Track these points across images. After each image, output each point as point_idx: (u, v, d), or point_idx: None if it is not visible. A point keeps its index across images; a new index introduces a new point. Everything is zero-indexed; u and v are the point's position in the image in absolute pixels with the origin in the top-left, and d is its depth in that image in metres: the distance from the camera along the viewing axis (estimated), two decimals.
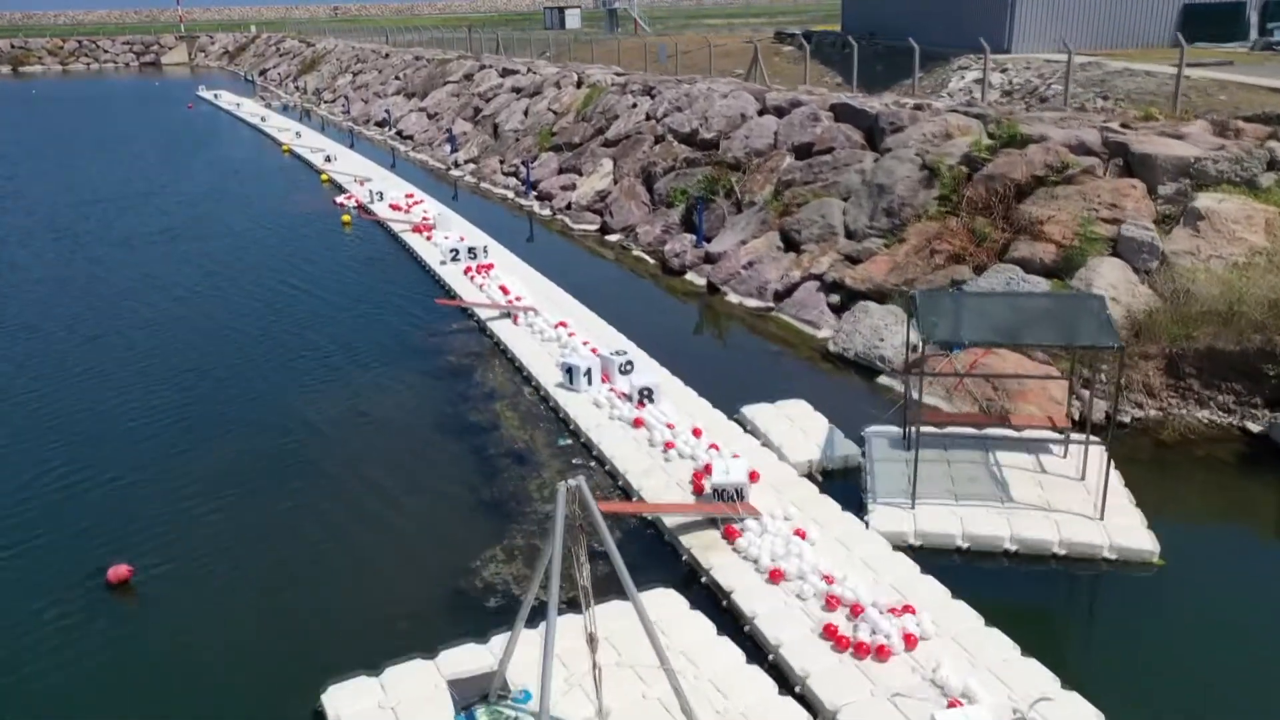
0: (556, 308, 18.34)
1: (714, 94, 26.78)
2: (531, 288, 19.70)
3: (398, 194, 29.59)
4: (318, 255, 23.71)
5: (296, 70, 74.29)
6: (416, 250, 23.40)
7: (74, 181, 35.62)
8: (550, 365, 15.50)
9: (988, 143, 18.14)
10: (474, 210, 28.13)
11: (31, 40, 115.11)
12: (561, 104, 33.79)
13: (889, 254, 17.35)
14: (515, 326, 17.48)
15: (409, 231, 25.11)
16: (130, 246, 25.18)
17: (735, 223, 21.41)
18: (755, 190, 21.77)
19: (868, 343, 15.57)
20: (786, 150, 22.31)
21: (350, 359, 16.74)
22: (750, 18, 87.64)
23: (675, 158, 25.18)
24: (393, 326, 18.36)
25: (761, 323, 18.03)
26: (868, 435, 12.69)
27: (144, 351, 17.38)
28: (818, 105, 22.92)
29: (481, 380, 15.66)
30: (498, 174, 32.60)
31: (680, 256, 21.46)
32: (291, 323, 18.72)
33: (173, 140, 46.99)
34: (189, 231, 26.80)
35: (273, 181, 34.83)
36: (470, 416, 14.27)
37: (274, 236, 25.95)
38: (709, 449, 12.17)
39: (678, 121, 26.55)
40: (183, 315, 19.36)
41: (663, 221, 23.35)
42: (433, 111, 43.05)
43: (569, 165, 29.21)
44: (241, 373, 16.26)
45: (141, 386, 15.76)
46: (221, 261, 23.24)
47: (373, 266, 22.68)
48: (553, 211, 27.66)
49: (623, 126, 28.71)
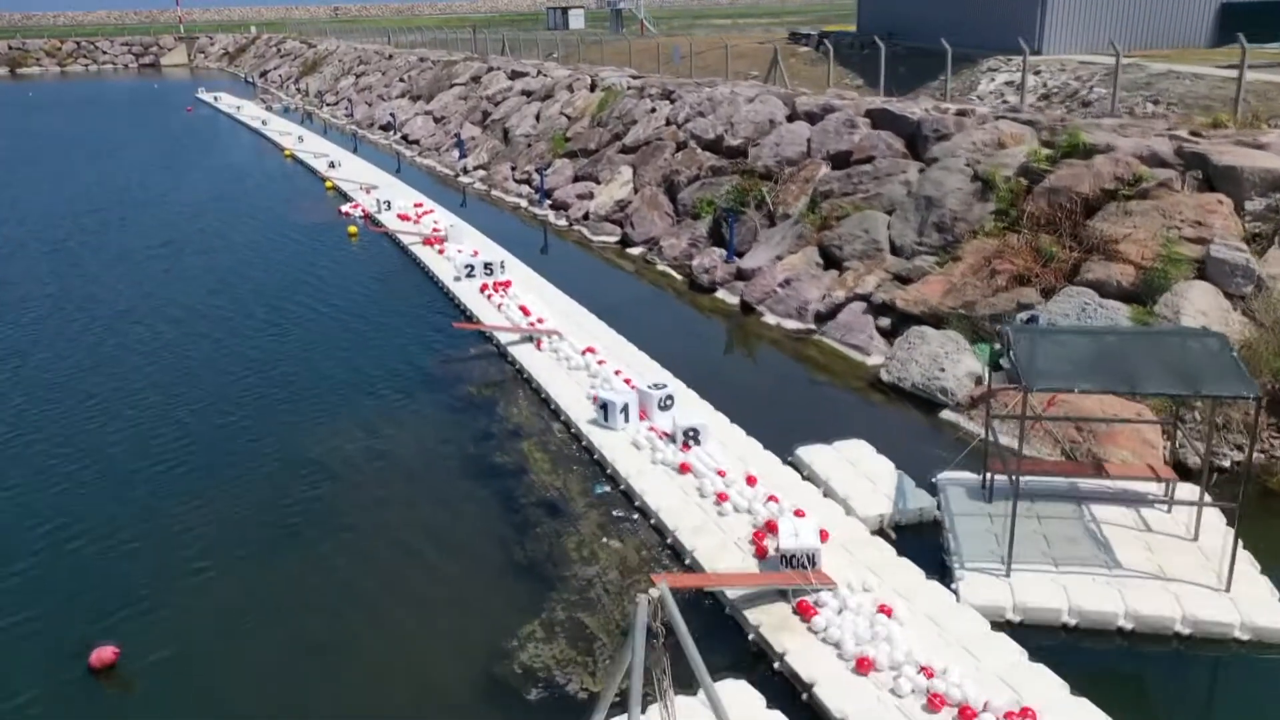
0: (582, 331, 17.06)
1: (738, 98, 25.49)
2: (553, 308, 18.42)
3: (405, 203, 28.30)
4: (324, 270, 22.41)
5: (298, 72, 73.01)
6: (428, 265, 22.11)
7: (70, 190, 34.30)
8: (580, 397, 14.21)
9: (1046, 152, 16.84)
10: (486, 220, 26.85)
11: (29, 41, 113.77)
12: (575, 108, 32.50)
13: (943, 274, 16.06)
14: (539, 352, 16.20)
15: (419, 244, 23.83)
16: (128, 262, 23.83)
17: (769, 237, 20.12)
18: (789, 202, 20.48)
19: (926, 373, 14.27)
20: (821, 159, 21.02)
21: (363, 389, 15.46)
22: (753, 18, 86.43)
23: (700, 166, 23.89)
24: (407, 351, 17.07)
25: (803, 347, 16.74)
26: (941, 484, 11.41)
27: (140, 383, 16.07)
28: (853, 111, 21.63)
29: (505, 414, 14.36)
30: (509, 181, 31.30)
31: (710, 272, 20.17)
32: (299, 348, 17.43)
33: (172, 145, 45.70)
34: (190, 244, 25.48)
35: (275, 189, 33.55)
36: (496, 457, 12.97)
37: (278, 250, 24.65)
38: (767, 501, 10.88)
39: (701, 127, 25.26)
40: (183, 341, 18.05)
41: (689, 234, 22.06)
42: (439, 115, 41.76)
43: (585, 173, 27.92)
44: (246, 406, 14.97)
45: (136, 424, 14.46)
46: (224, 279, 21.92)
47: (382, 283, 21.39)
48: (569, 222, 26.37)
49: (641, 132, 27.42)
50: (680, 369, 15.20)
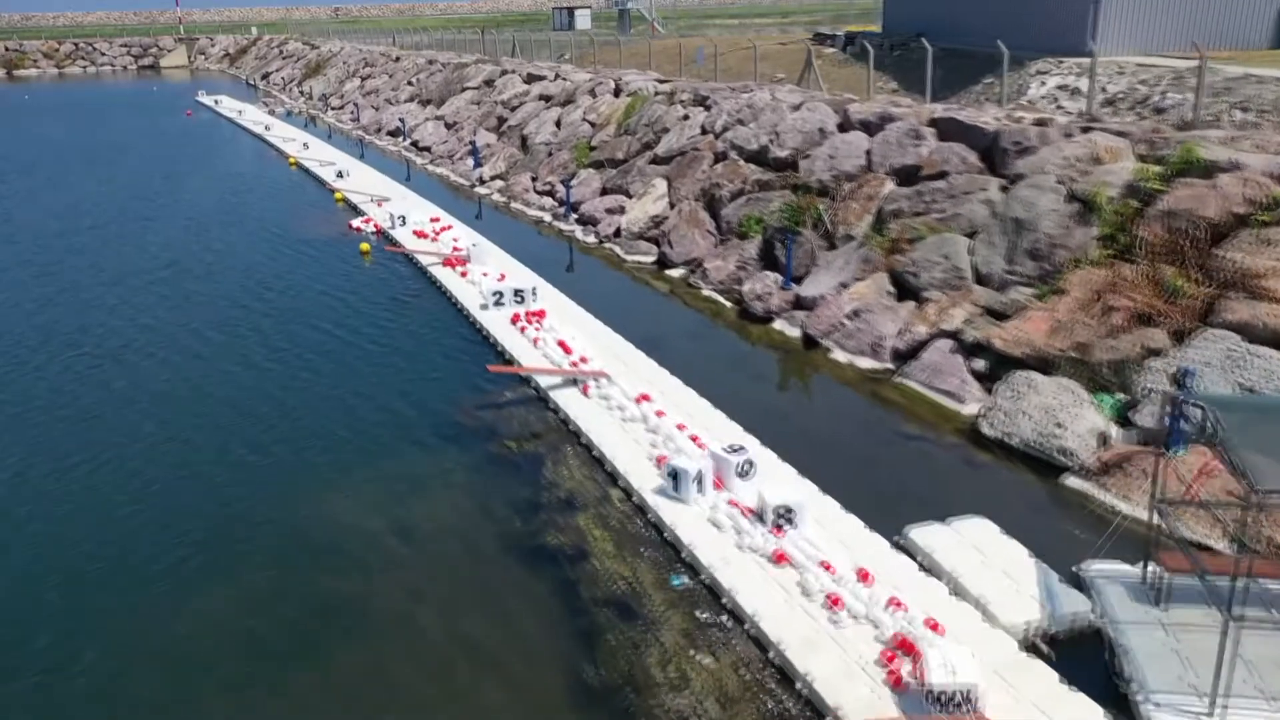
0: (631, 372, 15.13)
1: (782, 105, 23.57)
2: (595, 343, 16.50)
3: (421, 217, 26.38)
4: (336, 298, 20.46)
5: (300, 74, 71.09)
6: (450, 290, 20.18)
7: (65, 203, 32.32)
8: (640, 457, 12.29)
9: (1156, 170, 14.91)
10: (507, 236, 24.92)
11: (27, 43, 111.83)
12: (599, 114, 30.57)
13: (1045, 309, 14.12)
14: (585, 399, 14.27)
15: (439, 264, 21.91)
16: (127, 287, 21.75)
17: (829, 261, 18.19)
18: (850, 221, 18.55)
19: (1040, 429, 12.34)
20: (884, 174, 19.09)
21: (384, 445, 13.54)
22: (759, 18, 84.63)
23: (744, 180, 21.96)
24: (433, 397, 15.15)
25: (881, 390, 14.81)
26: (1091, 579, 9.49)
27: (133, 442, 14.14)
28: (916, 120, 19.70)
29: (553, 477, 12.44)
30: (530, 193, 29.37)
31: (764, 300, 18.24)
32: (310, 395, 15.49)
33: (172, 152, 43.76)
34: (194, 267, 23.40)
35: (281, 201, 31.59)
36: (548, 535, 11.06)
37: (286, 273, 22.68)
38: (891, 608, 8.95)
39: (742, 137, 23.33)
40: (182, 390, 16.11)
41: (736, 255, 20.13)
42: (451, 121, 39.83)
43: (614, 185, 25.99)
44: (251, 470, 13.05)
45: (129, 494, 12.54)
46: (228, 312, 19.82)
47: (400, 312, 19.44)
48: (599, 238, 24.44)
49: (675, 141, 25.49)
50: (748, 419, 13.30)
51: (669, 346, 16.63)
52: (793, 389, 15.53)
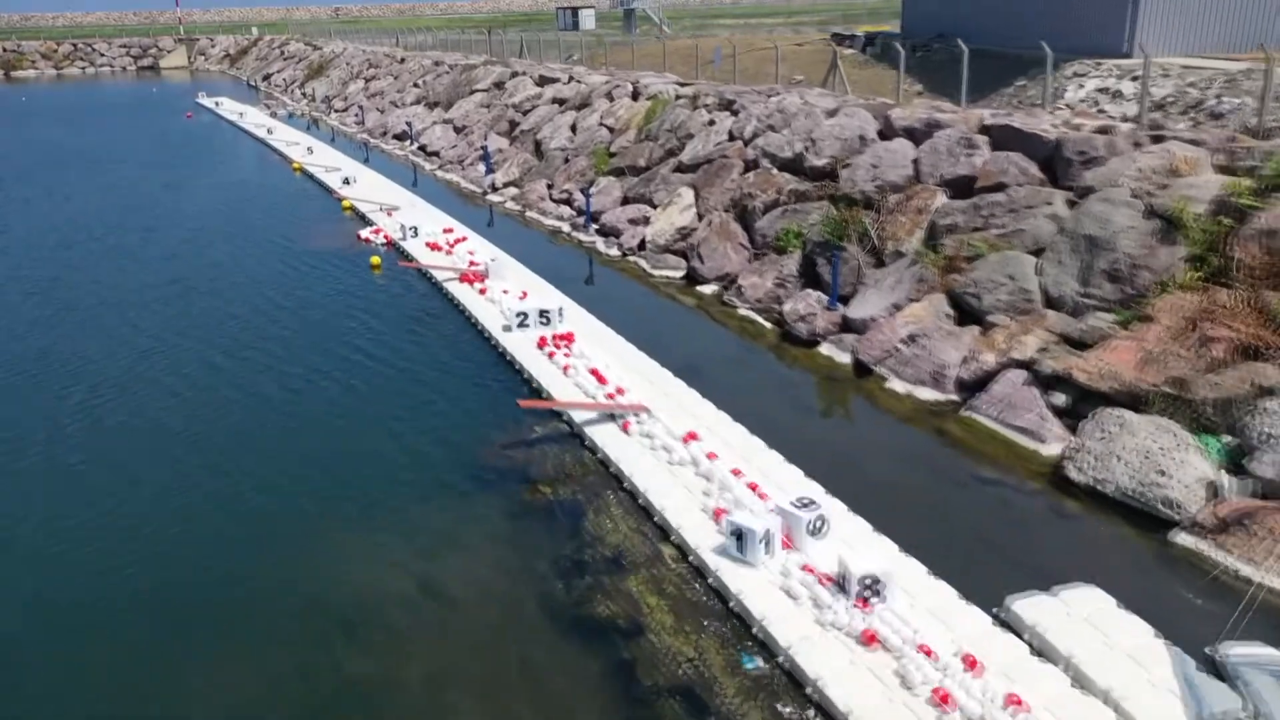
0: (673, 404, 13.87)
1: (816, 110, 22.30)
2: (631, 370, 15.24)
3: (433, 227, 25.14)
4: (348, 318, 19.18)
5: (302, 76, 69.82)
6: (469, 308, 18.91)
7: (62, 214, 31.01)
8: (693, 508, 11.05)
9: (1247, 184, 13.64)
10: (523, 246, 23.66)
11: (25, 43, 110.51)
12: (617, 119, 29.30)
13: (1132, 337, 12.85)
14: (626, 436, 13.01)
15: (455, 280, 20.65)
16: (128, 306, 20.34)
17: (879, 279, 16.93)
18: (899, 236, 17.29)
19: (1137, 475, 11.08)
20: (935, 185, 17.83)
21: (408, 487, 12.29)
22: (762, 18, 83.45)
23: (779, 190, 20.69)
24: (457, 431, 13.89)
25: (947, 425, 13.53)
26: (1236, 668, 8.23)
27: (132, 489, 12.90)
28: (966, 127, 18.44)
29: (597, 529, 11.19)
30: (546, 201, 28.11)
31: (808, 321, 16.98)
32: (327, 429, 14.22)
33: (172, 157, 42.43)
34: (201, 283, 21.91)
35: (286, 210, 30.25)
36: (596, 603, 9.80)
37: (295, 289, 21.34)
38: (1010, 708, 7.68)
39: (774, 144, 22.06)
40: (187, 423, 14.86)
41: (774, 272, 18.87)
42: (460, 124, 38.57)
43: (637, 194, 24.73)
44: (264, 517, 11.81)
45: (125, 551, 11.30)
46: (236, 334, 18.43)
47: (417, 333, 18.17)
48: (622, 251, 23.17)
49: (701, 148, 24.23)
50: (807, 460, 12.05)
51: (709, 374, 15.38)
52: (850, 424, 14.24)
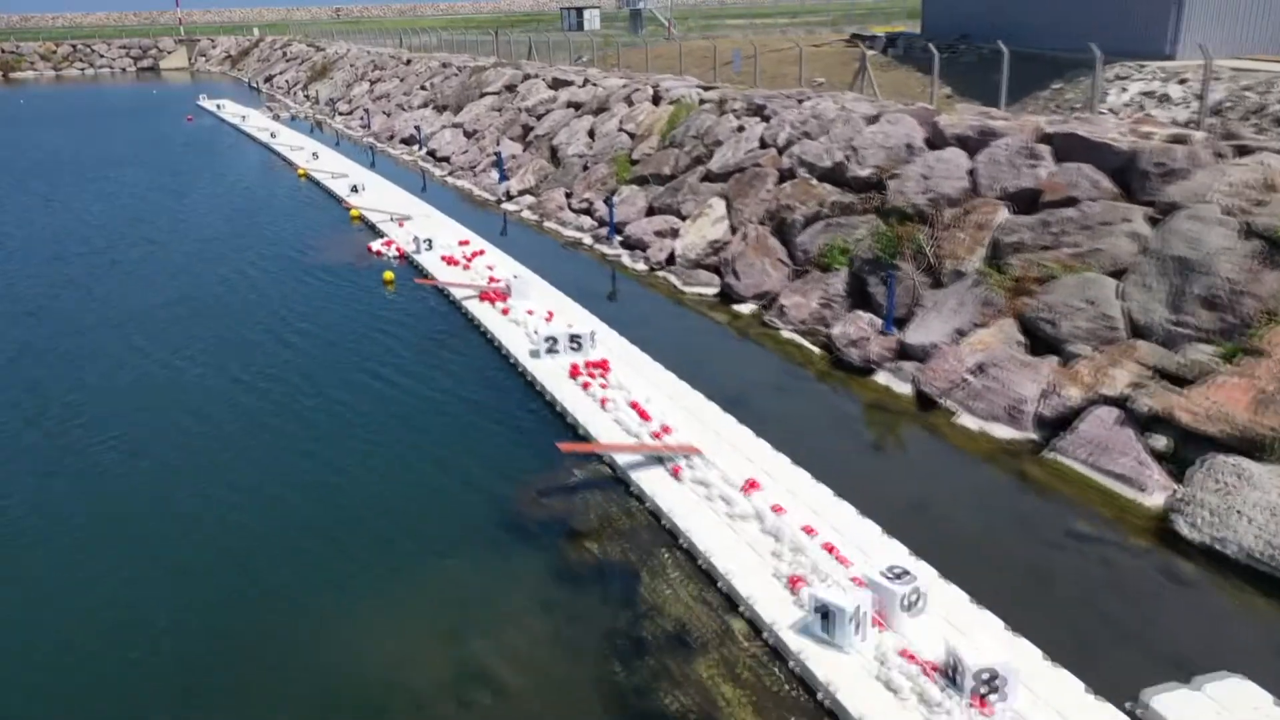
0: (726, 445, 12.60)
1: (854, 116, 21.03)
2: (674, 403, 13.98)
3: (448, 239, 23.90)
4: (363, 341, 17.90)
5: (305, 77, 68.56)
6: (491, 331, 17.65)
7: (59, 224, 29.67)
8: (762, 573, 9.79)
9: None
10: (543, 260, 22.41)
11: (24, 44, 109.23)
12: (638, 124, 28.04)
13: (1241, 373, 11.58)
14: (677, 483, 11.75)
15: (474, 298, 19.39)
16: (133, 329, 18.92)
17: (938, 301, 15.66)
18: (959, 255, 16.02)
19: (1268, 537, 9.81)
20: (995, 198, 16.56)
21: (435, 541, 11.04)
22: (768, 18, 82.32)
23: (819, 201, 19.42)
24: (487, 474, 12.62)
25: (1030, 468, 12.26)
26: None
27: (128, 547, 11.66)
28: (1026, 136, 17.18)
29: (653, 596, 9.92)
30: (565, 210, 26.84)
31: (860, 346, 15.72)
32: (344, 472, 12.94)
33: (174, 163, 41.14)
34: (206, 303, 20.48)
35: (293, 220, 28.93)
36: (662, 692, 8.53)
37: (305, 310, 19.94)
38: None
39: (811, 152, 20.79)
40: (190, 465, 13.63)
41: (819, 291, 17.60)
42: (471, 129, 37.30)
43: (663, 204, 23.46)
44: (275, 577, 10.55)
45: (118, 616, 10.04)
46: (243, 363, 17.05)
47: (437, 359, 16.90)
48: (649, 265, 21.89)
49: (731, 156, 22.96)
50: (883, 513, 10.79)
51: (759, 406, 14.12)
52: (923, 467, 12.93)
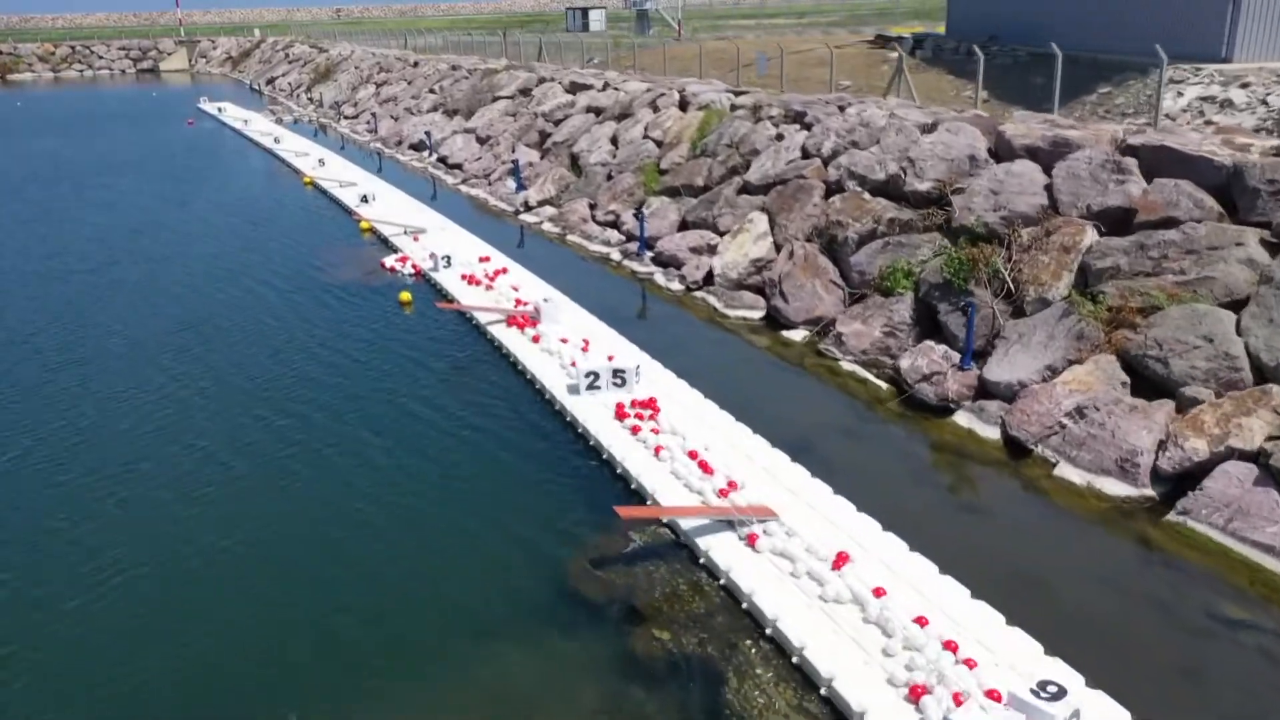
0: (804, 506, 11.08)
1: (907, 124, 19.52)
2: (737, 451, 12.46)
3: (467, 255, 22.41)
4: (380, 373, 16.38)
5: (308, 79, 67.03)
6: (522, 361, 16.12)
7: (54, 239, 28.13)
8: (876, 678, 8.28)
9: None
10: (569, 277, 20.90)
11: (22, 45, 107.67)
12: (665, 131, 26.52)
13: None
14: (754, 553, 10.24)
15: (500, 322, 17.88)
16: (138, 360, 17.38)
17: (1023, 333, 14.14)
18: (1044, 280, 14.50)
19: None
20: (1079, 217, 15.05)
21: (474, 623, 9.54)
22: (772, 18, 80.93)
23: (875, 218, 17.90)
24: (530, 537, 11.10)
25: (1153, 533, 10.74)
26: None
27: (123, 620, 10.17)
28: (1105, 147, 15.67)
29: (742, 704, 8.38)
30: (589, 223, 25.32)
31: (934, 383, 14.21)
32: (367, 532, 11.42)
33: (175, 170, 39.57)
34: (217, 327, 18.92)
35: (302, 234, 27.26)
36: None
37: (319, 335, 18.36)
38: None
39: (862, 164, 19.27)
40: (195, 519, 12.12)
41: (881, 318, 16.08)
42: (484, 134, 35.77)
43: (697, 218, 21.94)
44: (288, 668, 9.04)
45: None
46: (255, 400, 15.65)
47: (464, 394, 15.35)
48: (686, 285, 20.36)
49: (771, 167, 21.44)
50: (998, 593, 9.28)
51: (829, 454, 12.62)
52: (1029, 531, 11.35)
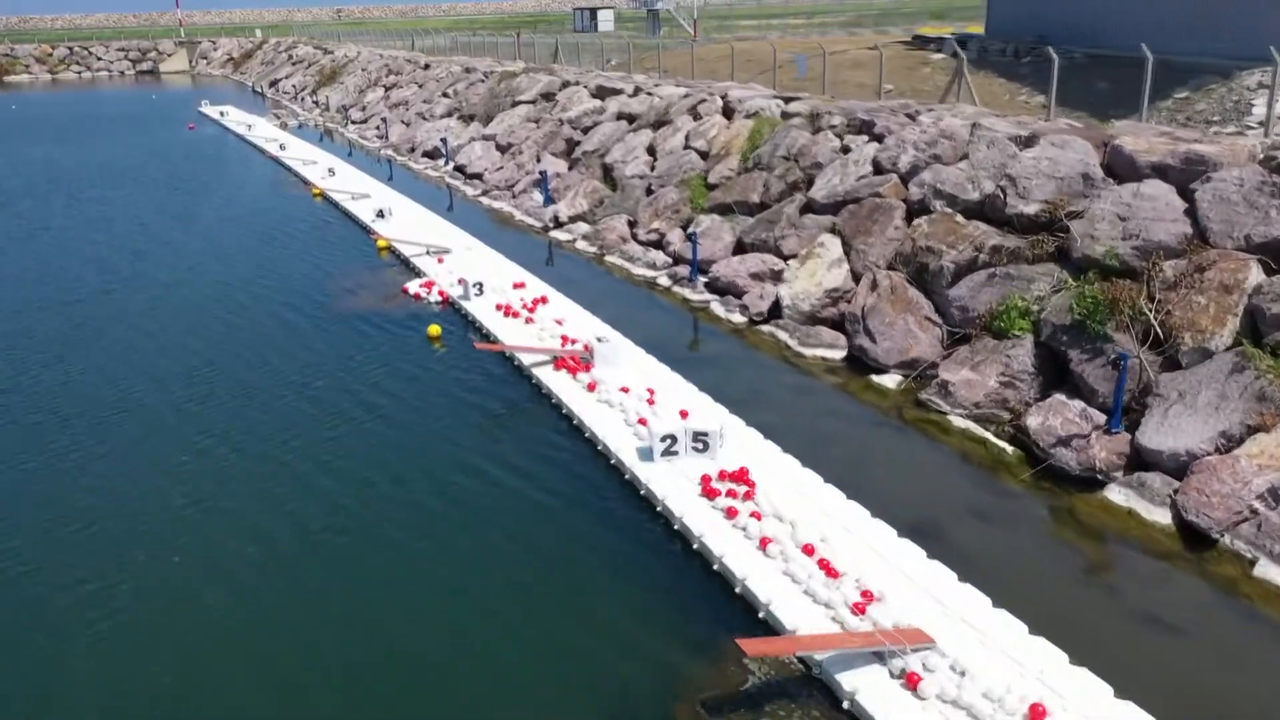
0: (969, 630, 8.88)
1: (998, 137, 17.33)
2: (863, 544, 10.25)
3: (499, 279, 20.24)
4: (414, 420, 14.18)
5: (314, 82, 64.80)
6: (577, 414, 13.88)
7: (52, 258, 25.90)
8: None
9: None
10: (614, 306, 18.77)
11: (19, 46, 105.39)
12: (709, 141, 24.32)
13: None
14: (919, 700, 8.02)
15: (546, 363, 15.69)
16: (144, 409, 15.27)
17: (1185, 390, 11.93)
18: (1203, 326, 12.30)
19: None
20: (1236, 250, 12.85)
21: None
22: (781, 18, 78.90)
23: (975, 245, 15.69)
24: (620, 665, 8.91)
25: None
26: None
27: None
28: (1246, 164, 13.48)
29: None
30: (630, 243, 23.10)
31: (1075, 448, 12.00)
32: (415, 636, 9.23)
33: (176, 180, 37.23)
34: (232, 375, 16.49)
35: (314, 253, 24.83)
36: None
37: (341, 379, 16.18)
38: None
39: (950, 181, 17.08)
40: (205, 604, 9.93)
41: (996, 365, 13.86)
42: (505, 142, 33.55)
43: (756, 239, 19.72)
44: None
45: None
46: (298, 457, 13.56)
47: (509, 451, 13.13)
48: (749, 317, 18.15)
49: (839, 183, 19.25)
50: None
51: (968, 544, 10.43)
52: (1244, 661, 9.10)
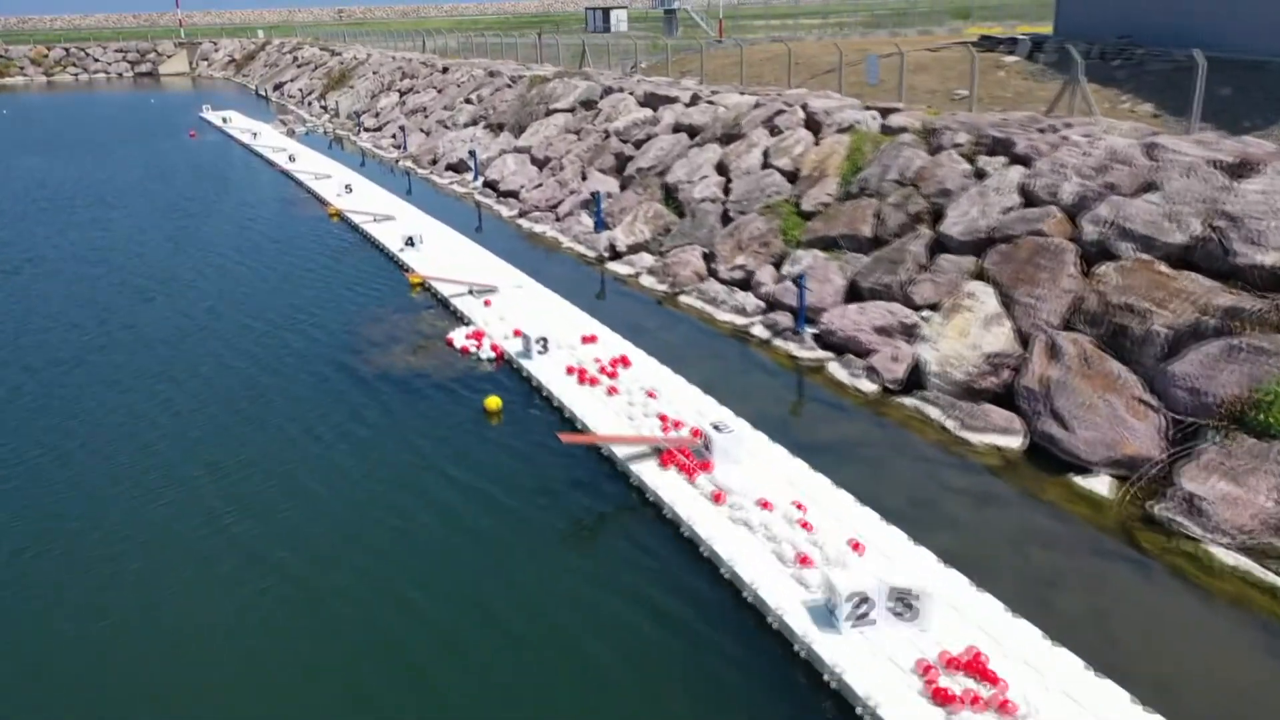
0: None
1: (1197, 163, 13.91)
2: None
3: (563, 328, 16.85)
4: (479, 533, 10.79)
5: (321, 85, 61.39)
6: (704, 539, 10.46)
7: (38, 301, 22.50)
8: None
9: None
10: (705, 368, 15.45)
11: (13, 48, 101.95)
12: (795, 159, 20.89)
13: None
14: None
15: (647, 455, 12.27)
16: (143, 488, 12.19)
17: None
18: None
19: None
20: None
21: None
22: (806, 18, 75.79)
23: (1199, 306, 12.25)
24: None
25: None
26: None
27: None
28: None
29: None
30: (709, 281, 19.65)
31: None
32: None
33: (177, 195, 33.74)
34: (254, 457, 13.30)
35: (337, 290, 21.05)
36: None
37: (387, 462, 12.93)
38: None
39: (1140, 217, 13.66)
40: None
41: (1268, 476, 10.43)
42: (541, 156, 30.12)
43: (876, 284, 16.31)
44: None
45: None
46: (307, 582, 10.34)
47: (613, 593, 9.74)
48: (880, 384, 14.73)
49: (978, 216, 15.84)
50: None
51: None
52: None
